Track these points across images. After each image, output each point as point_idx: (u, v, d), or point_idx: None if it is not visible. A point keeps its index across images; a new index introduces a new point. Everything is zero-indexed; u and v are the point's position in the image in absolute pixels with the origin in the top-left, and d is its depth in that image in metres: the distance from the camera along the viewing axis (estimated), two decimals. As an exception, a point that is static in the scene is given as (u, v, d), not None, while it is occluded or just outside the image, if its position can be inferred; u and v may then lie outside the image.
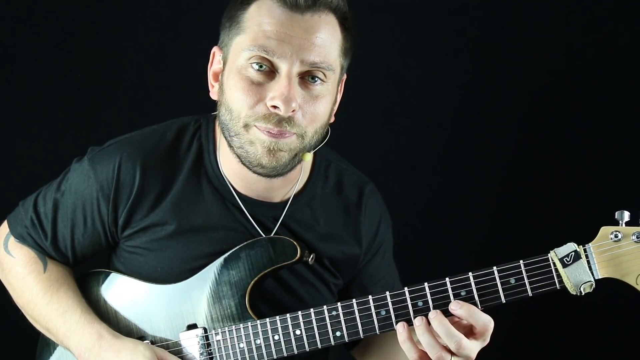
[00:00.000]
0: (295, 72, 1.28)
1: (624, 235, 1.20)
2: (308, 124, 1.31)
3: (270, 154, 1.31)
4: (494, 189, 2.30)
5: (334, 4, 1.31)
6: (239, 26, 1.31)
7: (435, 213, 2.33)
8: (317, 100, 1.32)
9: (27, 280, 1.47)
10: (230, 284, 1.39)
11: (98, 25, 2.27)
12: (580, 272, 1.20)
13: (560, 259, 1.21)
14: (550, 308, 2.11)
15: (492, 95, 2.29)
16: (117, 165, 1.41)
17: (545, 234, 2.02)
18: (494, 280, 1.24)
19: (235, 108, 1.31)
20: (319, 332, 1.31)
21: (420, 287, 1.28)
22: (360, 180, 1.54)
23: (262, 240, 1.40)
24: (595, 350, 2.27)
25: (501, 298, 1.24)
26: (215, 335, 1.38)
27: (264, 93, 1.29)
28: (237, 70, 1.30)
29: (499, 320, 1.27)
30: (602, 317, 2.19)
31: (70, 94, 2.27)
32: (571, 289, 1.21)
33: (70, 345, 1.41)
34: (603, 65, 2.20)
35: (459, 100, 2.30)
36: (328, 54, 1.30)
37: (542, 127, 2.26)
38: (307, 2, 1.28)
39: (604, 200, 2.11)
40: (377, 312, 1.29)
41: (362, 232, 1.51)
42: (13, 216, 1.51)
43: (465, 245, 2.29)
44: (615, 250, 1.20)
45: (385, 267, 1.58)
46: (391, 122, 2.31)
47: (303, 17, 1.28)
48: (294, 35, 1.27)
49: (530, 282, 1.23)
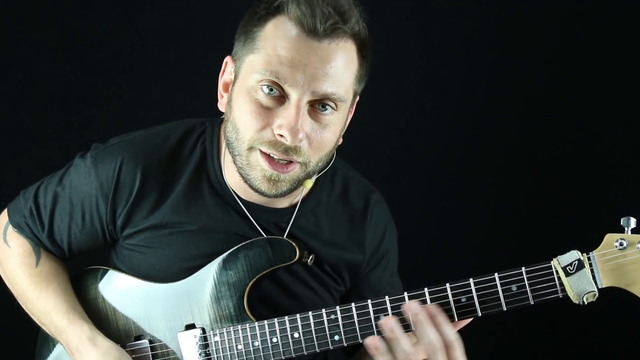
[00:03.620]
0: (305, 101, 1.24)
1: (630, 244, 1.17)
2: (313, 152, 1.28)
3: (270, 182, 1.29)
4: (494, 193, 2.29)
5: (354, 31, 1.25)
6: (254, 44, 1.26)
7: (435, 217, 2.32)
8: (325, 129, 1.28)
9: (18, 273, 1.48)
10: (228, 285, 1.37)
11: (104, 22, 2.27)
12: (584, 281, 1.17)
13: (563, 268, 1.18)
14: (544, 314, 2.10)
15: (492, 98, 2.26)
16: (119, 165, 1.39)
17: (546, 239, 2.03)
18: (495, 287, 1.22)
19: (242, 129, 1.28)
20: (317, 335, 1.30)
21: (420, 293, 1.25)
22: (367, 189, 1.51)
23: (261, 241, 1.38)
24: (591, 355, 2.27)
25: (502, 305, 1.22)
26: (214, 336, 1.37)
27: (272, 119, 1.25)
28: (247, 90, 1.27)
29: (489, 324, 1.25)
30: (598, 322, 2.18)
31: (75, 91, 2.28)
32: (574, 298, 1.18)
33: (61, 342, 1.42)
34: (604, 65, 2.17)
35: (457, 103, 2.28)
36: (341, 84, 1.25)
37: (543, 130, 2.24)
38: (325, 31, 1.21)
39: (606, 205, 2.10)
40: (376, 316, 1.27)
41: (366, 241, 1.49)
42: (13, 204, 1.51)
43: (465, 249, 2.28)
44: (621, 259, 1.17)
45: (387, 278, 1.56)
46: (389, 123, 2.29)
47: (320, 45, 1.22)
48: (308, 64, 1.21)
49: (532, 289, 1.20)
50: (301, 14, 1.21)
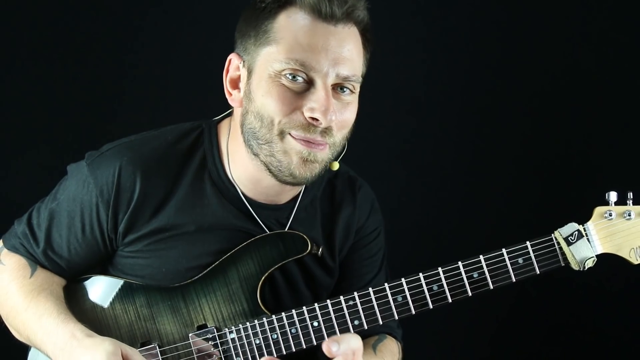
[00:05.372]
0: (330, 83, 1.28)
1: (617, 214, 1.32)
2: (338, 132, 1.33)
3: (305, 164, 1.31)
4: (495, 190, 2.37)
5: (361, 17, 1.32)
6: (268, 36, 1.29)
7: (437, 213, 2.38)
8: (346, 109, 1.33)
9: (10, 287, 1.41)
10: (240, 281, 1.38)
11: (103, 27, 2.23)
12: (584, 249, 1.31)
13: (565, 238, 1.31)
14: (541, 301, 2.22)
15: (496, 95, 2.34)
16: (118, 170, 1.37)
17: (530, 221, 2.11)
18: (503, 261, 1.32)
19: (268, 115, 1.29)
20: (337, 322, 1.34)
21: (435, 272, 1.33)
22: (352, 177, 1.55)
23: (272, 235, 1.40)
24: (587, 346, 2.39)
25: (511, 277, 1.32)
26: (230, 333, 1.36)
27: (300, 102, 1.28)
28: (269, 79, 1.29)
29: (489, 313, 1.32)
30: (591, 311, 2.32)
31: (74, 97, 2.23)
32: (575, 265, 1.31)
33: (48, 350, 1.35)
34: (605, 66, 2.27)
35: (461, 101, 2.35)
36: (357, 66, 1.32)
37: (544, 130, 2.33)
38: (343, 14, 1.27)
39: (590, 183, 2.16)
40: (394, 298, 1.33)
41: (354, 224, 1.53)
42: (7, 233, 1.48)
43: (466, 239, 2.32)
44: (611, 228, 1.32)
45: (366, 258, 1.57)
46: (394, 122, 2.34)
47: (336, 29, 1.28)
48: (328, 49, 1.27)
49: (537, 260, 1.32)
50: (315, 1, 1.26)
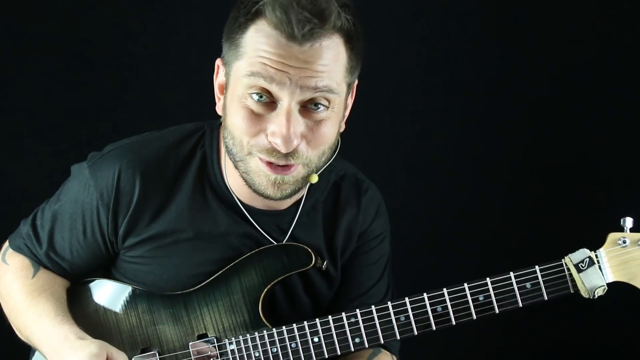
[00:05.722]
0: (295, 102, 1.22)
1: (631, 242, 1.28)
2: (313, 150, 1.27)
3: (274, 186, 1.28)
4: (500, 194, 2.32)
5: (337, 25, 1.21)
6: (237, 50, 1.24)
7: (442, 219, 2.34)
8: (321, 125, 1.26)
9: (13, 286, 1.42)
10: (242, 292, 1.36)
11: (105, 26, 2.23)
12: (595, 277, 1.27)
13: (575, 265, 1.27)
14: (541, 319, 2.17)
15: (498, 99, 2.30)
16: (117, 173, 1.36)
17: (546, 238, 2.10)
18: (511, 285, 1.29)
19: (237, 135, 1.27)
20: (338, 338, 1.32)
21: (440, 293, 1.31)
22: (360, 180, 1.51)
23: (275, 247, 1.38)
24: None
25: (518, 302, 1.29)
26: (229, 344, 1.35)
27: (264, 124, 1.24)
28: (237, 98, 1.25)
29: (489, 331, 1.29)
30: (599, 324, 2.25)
31: (75, 97, 2.23)
32: (585, 293, 1.27)
33: (44, 350, 1.36)
34: (610, 66, 2.22)
35: (464, 103, 2.31)
36: (331, 78, 1.23)
37: (546, 131, 2.28)
38: (304, 36, 1.17)
39: (605, 204, 2.18)
40: (396, 317, 1.31)
41: (357, 228, 1.49)
42: (14, 233, 1.49)
43: (468, 249, 2.32)
44: (624, 256, 1.27)
45: (371, 264, 1.52)
46: (396, 125, 2.31)
47: (302, 49, 1.19)
48: (292, 66, 1.19)
49: (546, 286, 1.28)
50: (277, 20, 1.18)
